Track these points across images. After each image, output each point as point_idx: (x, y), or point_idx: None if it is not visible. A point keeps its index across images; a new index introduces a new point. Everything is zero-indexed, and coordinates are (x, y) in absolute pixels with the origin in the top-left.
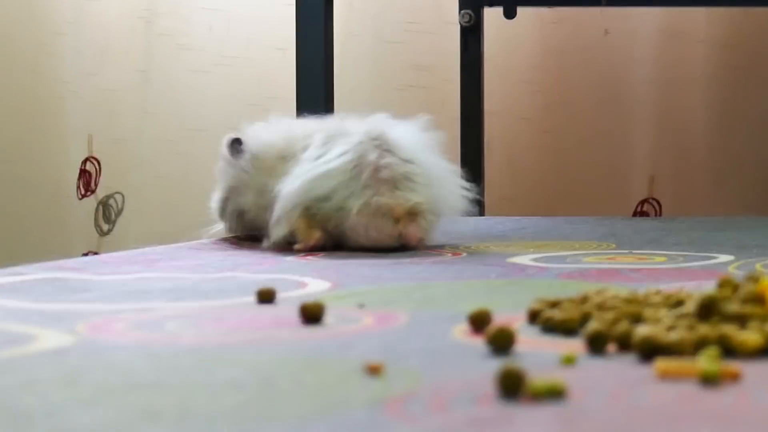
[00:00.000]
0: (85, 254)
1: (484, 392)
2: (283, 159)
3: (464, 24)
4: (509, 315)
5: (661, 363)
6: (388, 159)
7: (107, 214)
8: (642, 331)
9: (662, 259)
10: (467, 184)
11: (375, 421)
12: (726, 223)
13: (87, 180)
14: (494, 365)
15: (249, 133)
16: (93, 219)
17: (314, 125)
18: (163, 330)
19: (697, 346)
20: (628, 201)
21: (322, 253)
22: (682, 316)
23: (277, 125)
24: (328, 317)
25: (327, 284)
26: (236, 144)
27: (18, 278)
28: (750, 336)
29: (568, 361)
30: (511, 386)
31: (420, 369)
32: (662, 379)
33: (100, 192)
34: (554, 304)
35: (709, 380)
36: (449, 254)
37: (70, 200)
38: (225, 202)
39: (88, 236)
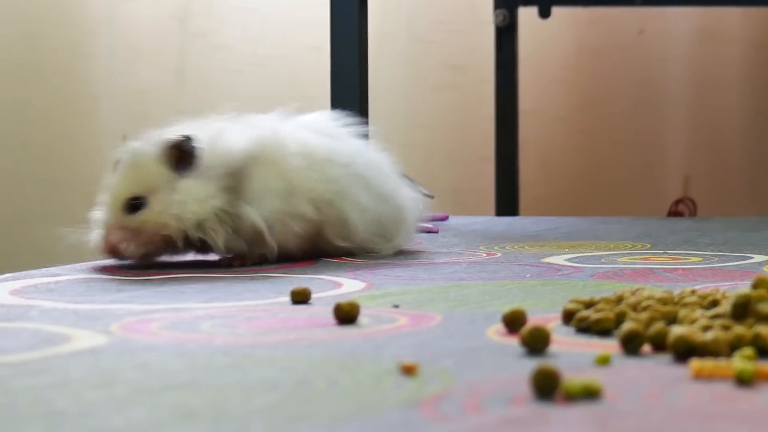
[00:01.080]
0: None
1: (519, 392)
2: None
3: (499, 24)
4: (544, 315)
5: (696, 363)
6: None
7: None
8: (677, 331)
9: (697, 259)
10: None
11: (409, 421)
12: (761, 223)
13: None
14: (529, 365)
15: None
16: None
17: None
18: (197, 330)
19: (732, 347)
20: (663, 201)
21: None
22: (716, 316)
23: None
24: (363, 317)
25: (362, 284)
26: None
27: (53, 279)
28: None
29: (603, 361)
30: (546, 386)
31: (454, 369)
32: (697, 380)
33: None
34: (589, 305)
35: (743, 380)
36: (484, 254)
37: None
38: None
39: None
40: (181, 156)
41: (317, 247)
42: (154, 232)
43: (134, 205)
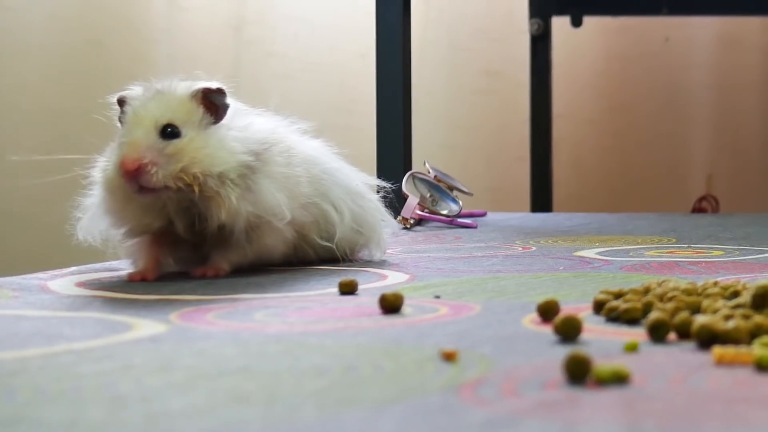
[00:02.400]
0: None
1: (553, 377)
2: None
3: (534, 32)
4: (576, 305)
5: (718, 350)
6: None
7: None
8: (700, 320)
9: (719, 252)
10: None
11: (450, 405)
12: None
13: None
14: (562, 352)
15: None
16: None
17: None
18: (251, 319)
19: (752, 335)
20: (687, 198)
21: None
22: (738, 306)
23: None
24: (407, 307)
25: (405, 276)
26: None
27: (116, 273)
28: None
29: (631, 348)
30: (578, 372)
31: (492, 356)
32: (719, 366)
33: None
34: (618, 295)
35: (763, 367)
36: (519, 248)
37: None
38: None
39: None
40: (213, 105)
41: (298, 251)
42: (187, 165)
43: (170, 132)
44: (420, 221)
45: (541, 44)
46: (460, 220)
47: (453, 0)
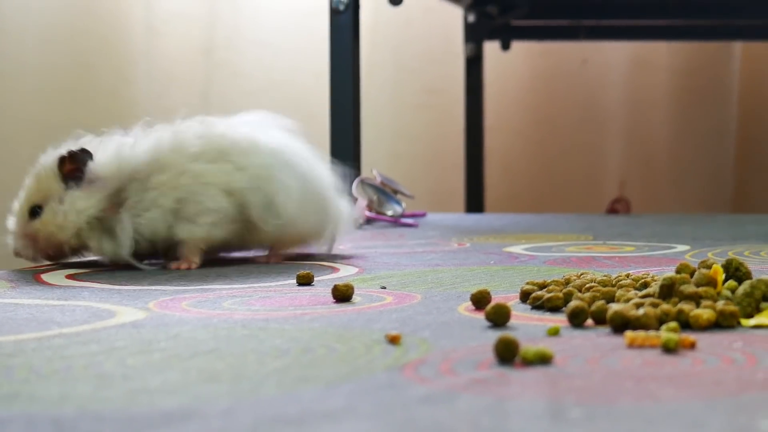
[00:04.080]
0: None
1: (485, 358)
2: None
3: (468, 55)
4: (505, 295)
5: (630, 334)
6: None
7: None
8: (614, 308)
9: (631, 248)
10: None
11: (394, 382)
12: (683, 219)
13: None
14: (492, 336)
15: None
16: None
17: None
18: (220, 307)
19: (659, 321)
20: (602, 200)
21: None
22: (647, 295)
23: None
24: (356, 297)
25: (355, 269)
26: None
27: (100, 268)
28: (703, 312)
29: (553, 332)
30: (507, 353)
31: (431, 339)
32: (630, 348)
33: None
34: (542, 286)
35: (669, 348)
36: (456, 245)
37: None
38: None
39: None
40: (73, 168)
41: (245, 237)
42: (45, 238)
43: (33, 212)
44: (368, 221)
45: (474, 65)
46: (403, 220)
47: (397, 26)
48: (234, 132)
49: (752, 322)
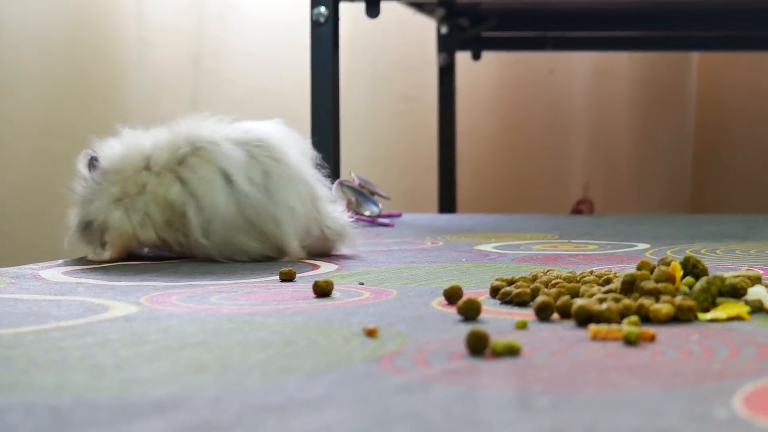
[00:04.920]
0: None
1: (457, 350)
2: (138, 169)
3: (441, 64)
4: (476, 290)
5: (593, 327)
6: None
7: None
8: (579, 302)
9: (594, 247)
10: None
11: (371, 372)
12: (644, 219)
13: None
14: (464, 329)
15: (104, 148)
16: None
17: (164, 135)
18: (207, 302)
19: (621, 315)
20: (567, 201)
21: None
22: (609, 291)
23: (128, 139)
24: (336, 292)
25: (335, 266)
26: (93, 161)
27: (94, 265)
28: (662, 307)
29: (521, 326)
30: (478, 345)
31: (407, 332)
32: (594, 340)
33: None
34: (511, 282)
35: (630, 341)
36: (429, 243)
37: None
38: (81, 216)
39: None
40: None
41: (184, 247)
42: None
43: None
44: None
45: (447, 74)
46: (380, 219)
47: (374, 38)
48: (199, 140)
49: (708, 316)
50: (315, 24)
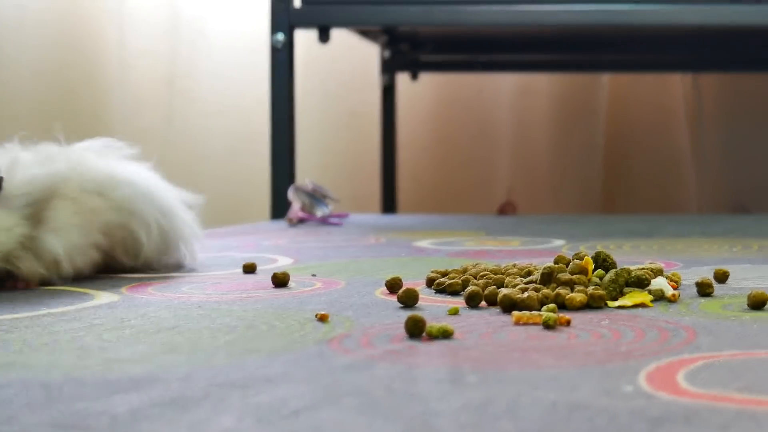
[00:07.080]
0: None
1: (397, 333)
2: None
3: (384, 84)
4: (414, 281)
5: (516, 314)
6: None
7: None
8: (503, 292)
9: (517, 243)
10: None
11: (323, 353)
12: (560, 219)
13: None
14: (404, 315)
15: None
16: None
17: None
18: (180, 291)
19: (540, 303)
20: (493, 203)
21: None
22: (530, 282)
23: None
24: (292, 283)
25: (291, 260)
26: None
27: None
28: (577, 295)
29: (453, 312)
30: (415, 329)
31: (353, 317)
32: (517, 325)
33: None
34: (444, 274)
35: (549, 325)
36: (373, 240)
37: None
38: None
39: None
40: None
41: (109, 267)
42: None
43: None
44: (301, 221)
45: (389, 93)
46: (330, 219)
47: (325, 61)
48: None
49: (616, 303)
50: (274, 49)
